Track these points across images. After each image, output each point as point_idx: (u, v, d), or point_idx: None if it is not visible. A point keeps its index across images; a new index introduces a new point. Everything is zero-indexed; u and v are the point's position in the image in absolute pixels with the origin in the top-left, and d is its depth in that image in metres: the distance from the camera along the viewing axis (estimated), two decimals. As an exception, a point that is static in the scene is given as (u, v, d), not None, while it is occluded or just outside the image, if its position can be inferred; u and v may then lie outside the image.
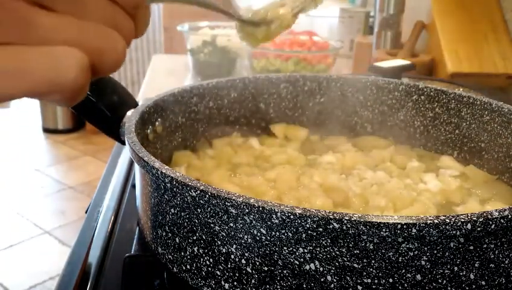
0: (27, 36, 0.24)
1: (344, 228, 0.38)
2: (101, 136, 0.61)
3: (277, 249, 0.42)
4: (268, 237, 0.42)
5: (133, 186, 0.75)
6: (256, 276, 0.44)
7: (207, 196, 0.42)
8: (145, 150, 0.49)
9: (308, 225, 0.39)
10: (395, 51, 1.38)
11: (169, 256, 0.50)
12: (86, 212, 0.74)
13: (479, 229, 0.39)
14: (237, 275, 0.45)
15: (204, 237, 0.46)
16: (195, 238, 0.46)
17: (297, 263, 0.42)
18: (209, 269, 0.46)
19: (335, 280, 0.41)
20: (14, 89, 0.24)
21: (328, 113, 0.80)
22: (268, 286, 0.43)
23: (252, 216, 0.41)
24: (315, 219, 0.39)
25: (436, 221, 0.38)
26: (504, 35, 1.24)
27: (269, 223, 0.41)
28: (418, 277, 0.41)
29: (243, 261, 0.44)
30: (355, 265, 0.41)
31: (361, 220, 0.38)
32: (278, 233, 0.41)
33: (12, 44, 0.24)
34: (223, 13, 0.47)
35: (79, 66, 0.25)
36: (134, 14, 0.28)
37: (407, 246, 0.40)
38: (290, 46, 1.38)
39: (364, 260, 0.40)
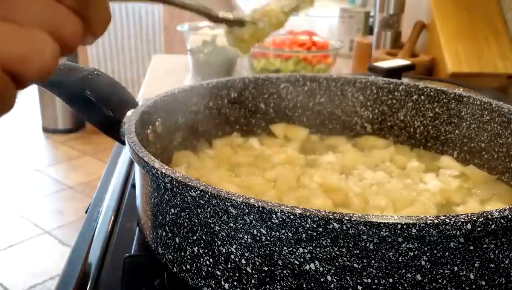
0: None
1: (344, 228, 0.38)
2: (101, 136, 0.61)
3: (277, 249, 0.42)
4: (268, 237, 0.42)
5: (133, 186, 0.75)
6: (256, 276, 0.44)
7: (207, 196, 0.42)
8: (145, 150, 0.49)
9: (308, 225, 0.39)
10: (395, 51, 1.38)
11: (169, 256, 0.50)
12: (86, 212, 0.74)
13: (479, 229, 0.39)
14: (237, 275, 0.45)
15: (204, 237, 0.46)
16: (195, 238, 0.46)
17: (297, 263, 0.42)
18: (209, 269, 0.46)
19: (335, 280, 0.41)
20: None
21: (328, 113, 0.80)
22: (268, 286, 0.43)
23: (252, 216, 0.41)
24: (315, 219, 0.39)
25: (436, 221, 0.38)
26: (504, 35, 1.24)
27: (269, 223, 0.41)
28: (418, 277, 0.41)
29: (243, 261, 0.44)
30: (355, 265, 0.41)
31: (361, 220, 0.38)
32: (278, 233, 0.41)
33: None
34: (202, 15, 0.46)
35: (54, 48, 0.23)
36: (82, 12, 0.26)
37: (407, 246, 0.40)
38: (290, 46, 1.38)
39: (364, 260, 0.40)
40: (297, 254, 0.41)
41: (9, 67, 0.23)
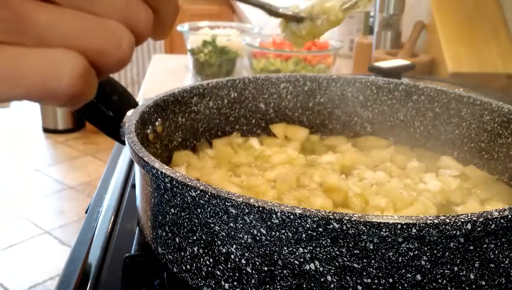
0: (20, 35, 0.22)
1: (344, 228, 0.38)
2: (101, 136, 0.61)
3: (277, 249, 0.42)
4: (268, 237, 0.42)
5: (133, 186, 0.75)
6: (256, 276, 0.44)
7: (207, 196, 0.42)
8: (145, 150, 0.49)
9: (308, 225, 0.39)
10: (395, 51, 1.38)
11: (169, 256, 0.50)
12: (86, 212, 0.74)
13: (479, 229, 0.39)
14: (237, 275, 0.45)
15: (204, 237, 0.46)
16: (195, 238, 0.46)
17: (297, 263, 0.42)
18: (209, 269, 0.46)
19: (335, 280, 0.41)
20: (6, 93, 0.22)
21: (328, 113, 0.80)
22: (268, 286, 0.43)
23: (252, 216, 0.41)
24: (315, 219, 0.39)
25: (436, 221, 0.38)
26: (504, 35, 1.24)
27: (269, 223, 0.41)
28: (418, 277, 0.41)
29: (243, 261, 0.44)
30: (355, 265, 0.41)
31: (361, 220, 0.38)
32: (278, 233, 0.41)
33: (4, 43, 0.22)
34: (262, 9, 0.45)
35: (74, 72, 0.23)
36: (153, 2, 0.26)
37: (407, 246, 0.40)
38: (290, 46, 1.38)
39: (364, 260, 0.40)
40: (297, 254, 0.41)
41: (90, 59, 0.23)
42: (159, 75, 1.52)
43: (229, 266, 0.45)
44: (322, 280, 0.41)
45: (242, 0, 0.43)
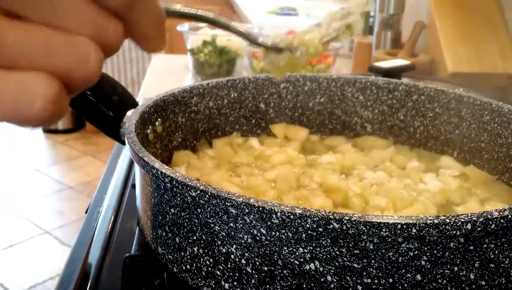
0: None
1: (344, 228, 0.38)
2: (101, 136, 0.61)
3: (277, 249, 0.42)
4: (268, 237, 0.42)
5: (133, 186, 0.75)
6: (256, 276, 0.44)
7: (207, 196, 0.42)
8: (145, 150, 0.49)
9: (308, 225, 0.39)
10: (395, 51, 1.38)
11: (169, 256, 0.50)
12: (86, 212, 0.74)
13: (479, 229, 0.39)
14: (237, 275, 0.45)
15: (204, 237, 0.46)
16: (195, 238, 0.46)
17: (297, 263, 0.42)
18: (209, 269, 0.46)
19: (335, 280, 0.41)
20: None
21: (328, 113, 0.80)
22: (268, 286, 0.43)
23: (252, 216, 0.41)
24: (315, 219, 0.39)
25: (436, 221, 0.38)
26: (504, 36, 1.24)
27: (269, 223, 0.41)
28: (418, 277, 0.41)
29: (243, 261, 0.44)
30: (355, 265, 0.41)
31: (361, 220, 0.38)
32: (278, 233, 0.41)
33: None
34: (243, 37, 0.46)
35: (47, 97, 0.22)
36: (126, 15, 0.25)
37: (407, 246, 0.40)
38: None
39: (364, 260, 0.40)
40: (297, 254, 0.41)
41: (59, 77, 0.23)
42: (159, 75, 1.52)
43: (229, 266, 0.45)
44: (322, 280, 0.41)
45: (224, 28, 0.44)
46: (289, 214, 0.39)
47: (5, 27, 0.22)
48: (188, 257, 0.48)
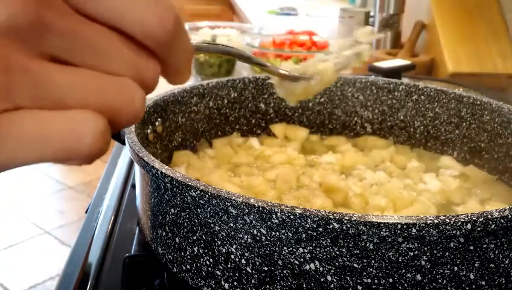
0: (41, 99, 0.22)
1: (344, 228, 0.38)
2: (101, 136, 0.60)
3: (277, 249, 0.42)
4: (268, 237, 0.42)
5: (133, 186, 0.75)
6: (256, 276, 0.44)
7: (207, 196, 0.42)
8: (145, 150, 0.49)
9: (308, 225, 0.39)
10: (395, 51, 1.38)
11: (169, 256, 0.50)
12: (86, 212, 0.74)
13: (479, 229, 0.39)
14: (237, 275, 0.45)
15: (204, 237, 0.46)
16: (195, 238, 0.46)
17: (297, 263, 0.42)
18: (209, 269, 0.46)
19: (335, 280, 0.41)
20: (28, 158, 0.22)
21: (328, 113, 0.80)
22: (268, 286, 0.43)
23: (252, 216, 0.41)
24: (315, 219, 0.39)
25: (436, 221, 0.38)
26: (504, 35, 1.24)
27: (269, 223, 0.41)
28: (418, 277, 0.41)
29: (243, 261, 0.44)
30: (355, 265, 0.41)
31: (361, 220, 0.38)
32: (278, 233, 0.41)
33: (25, 108, 0.22)
34: (262, 68, 0.47)
35: (97, 132, 0.23)
36: (162, 56, 0.26)
37: (407, 246, 0.40)
38: (290, 46, 1.38)
39: (364, 260, 0.40)
40: (297, 254, 0.41)
41: (105, 116, 0.24)
42: (159, 75, 1.52)
43: (229, 266, 0.45)
44: (322, 280, 0.41)
45: (244, 60, 0.45)
46: (289, 214, 0.39)
47: (56, 71, 0.22)
48: (188, 257, 0.48)
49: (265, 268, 0.43)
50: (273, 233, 0.41)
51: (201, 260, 0.46)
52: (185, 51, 0.27)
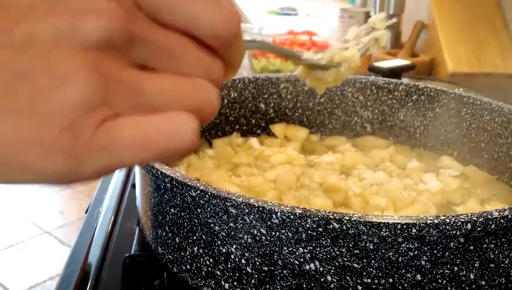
0: (137, 105, 0.24)
1: (344, 228, 0.38)
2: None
3: (277, 249, 0.42)
4: (268, 237, 0.42)
5: (133, 186, 0.75)
6: (256, 276, 0.44)
7: (207, 196, 0.42)
8: (145, 150, 0.49)
9: (308, 225, 0.39)
10: (395, 51, 1.38)
11: (169, 256, 0.50)
12: (86, 212, 0.74)
13: (479, 229, 0.39)
14: (237, 275, 0.45)
15: (204, 237, 0.46)
16: (195, 238, 0.46)
17: (297, 263, 0.42)
18: (209, 269, 0.46)
19: (335, 280, 0.41)
20: (134, 160, 0.24)
21: (328, 113, 0.80)
22: (268, 286, 0.43)
23: (252, 216, 0.41)
24: (315, 219, 0.39)
25: (436, 221, 0.38)
26: (504, 35, 1.24)
27: (269, 223, 0.41)
28: (418, 277, 0.41)
29: (243, 261, 0.44)
30: (355, 265, 0.41)
31: (361, 220, 0.38)
32: (278, 233, 0.41)
33: (122, 115, 0.23)
34: (294, 59, 0.49)
35: (193, 131, 0.24)
36: (225, 54, 0.28)
37: (407, 246, 0.40)
38: (290, 46, 1.38)
39: (364, 260, 0.40)
40: (297, 254, 0.41)
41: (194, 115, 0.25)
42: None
43: (229, 266, 0.45)
44: (322, 280, 0.41)
45: (285, 56, 0.47)
46: (289, 214, 0.39)
47: (144, 78, 0.24)
48: (188, 257, 0.48)
49: (265, 268, 0.43)
50: (273, 233, 0.41)
51: (201, 260, 0.46)
52: (241, 48, 0.29)
